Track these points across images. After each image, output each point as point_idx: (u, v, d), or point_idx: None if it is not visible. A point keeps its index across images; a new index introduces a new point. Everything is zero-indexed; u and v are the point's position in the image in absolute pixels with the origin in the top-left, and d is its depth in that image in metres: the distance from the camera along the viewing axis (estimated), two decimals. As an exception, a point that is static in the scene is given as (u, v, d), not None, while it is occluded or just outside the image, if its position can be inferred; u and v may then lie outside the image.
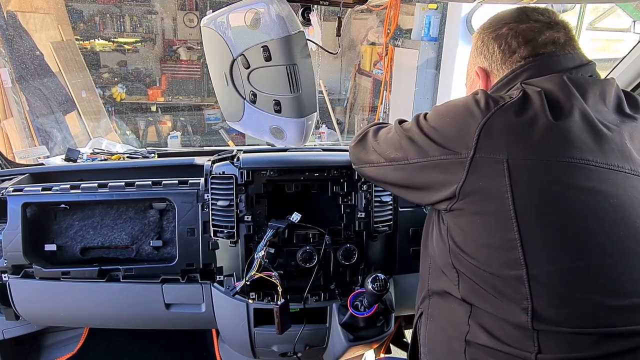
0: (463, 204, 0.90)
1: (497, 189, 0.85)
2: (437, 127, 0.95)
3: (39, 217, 1.55)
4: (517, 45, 1.00)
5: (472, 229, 0.91)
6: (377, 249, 1.56)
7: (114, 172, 1.71)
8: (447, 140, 0.92)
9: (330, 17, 5.62)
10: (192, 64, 6.91)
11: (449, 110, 0.96)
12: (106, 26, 6.66)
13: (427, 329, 1.07)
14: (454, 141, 0.91)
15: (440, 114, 0.97)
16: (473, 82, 1.12)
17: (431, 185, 0.96)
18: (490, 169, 0.86)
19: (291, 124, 1.19)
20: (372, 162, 1.10)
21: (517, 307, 0.85)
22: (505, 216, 0.85)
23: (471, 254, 0.92)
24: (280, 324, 1.38)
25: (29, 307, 1.58)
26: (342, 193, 1.51)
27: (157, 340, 2.17)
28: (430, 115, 0.99)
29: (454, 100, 0.99)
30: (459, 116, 0.92)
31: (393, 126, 1.08)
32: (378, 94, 5.31)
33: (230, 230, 1.45)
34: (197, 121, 6.77)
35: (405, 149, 1.00)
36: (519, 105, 0.89)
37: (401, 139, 1.01)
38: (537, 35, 0.98)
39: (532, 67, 0.97)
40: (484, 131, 0.87)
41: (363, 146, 1.14)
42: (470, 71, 1.14)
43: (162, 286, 1.52)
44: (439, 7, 4.23)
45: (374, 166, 1.10)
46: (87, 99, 4.86)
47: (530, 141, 0.86)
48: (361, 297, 1.43)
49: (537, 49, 0.98)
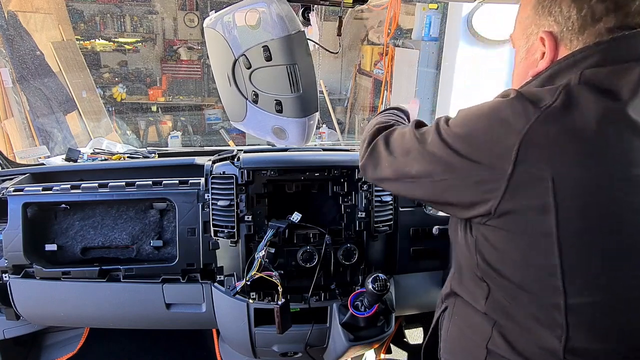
0: (499, 222, 0.78)
1: (540, 209, 0.73)
2: (465, 138, 0.79)
3: (40, 217, 1.55)
4: (603, 12, 0.76)
5: (507, 248, 0.80)
6: (378, 249, 1.56)
7: (115, 172, 1.71)
8: (479, 154, 0.77)
9: (331, 17, 5.61)
10: (193, 64, 6.91)
11: (479, 117, 0.80)
12: (107, 26, 6.67)
13: (449, 326, 1.01)
14: (487, 155, 0.76)
15: (468, 121, 0.81)
16: (530, 51, 0.87)
17: (463, 203, 0.83)
18: (532, 186, 0.73)
19: (293, 124, 1.19)
20: (390, 178, 0.95)
21: (549, 333, 0.78)
22: (547, 239, 0.74)
23: (504, 273, 0.82)
24: (281, 323, 1.38)
25: (29, 307, 1.58)
26: (342, 193, 1.51)
27: (158, 340, 2.17)
28: (455, 123, 0.83)
29: (483, 104, 0.82)
30: (492, 125, 0.77)
31: (407, 132, 0.92)
32: (378, 94, 5.30)
33: (230, 230, 1.45)
34: (198, 121, 6.77)
35: (429, 165, 0.85)
36: (567, 109, 0.72)
37: (422, 152, 0.86)
38: (631, 1, 0.75)
39: (606, 50, 0.75)
40: (523, 143, 0.72)
41: (375, 161, 0.98)
42: (525, 35, 0.88)
43: (163, 286, 1.52)
44: (439, 7, 4.23)
45: (394, 182, 0.95)
46: (88, 98, 4.86)
47: (581, 154, 0.71)
48: (361, 297, 1.43)
49: (626, 20, 0.75)
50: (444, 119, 0.86)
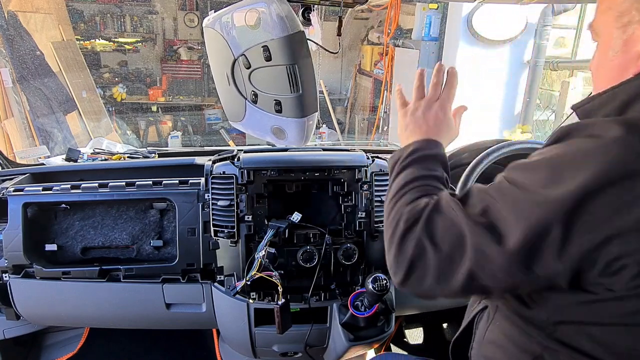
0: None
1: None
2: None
3: (40, 217, 1.55)
4: None
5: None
6: (378, 249, 1.56)
7: (115, 172, 1.71)
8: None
9: (331, 17, 5.62)
10: (193, 63, 6.92)
11: (574, 167, 0.57)
12: (107, 26, 6.67)
13: (486, 329, 0.87)
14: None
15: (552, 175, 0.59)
16: (630, 43, 0.68)
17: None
18: None
19: (292, 124, 1.19)
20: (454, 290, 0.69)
21: None
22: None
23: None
24: (281, 323, 1.38)
25: (29, 306, 1.58)
26: (342, 193, 1.51)
27: (158, 340, 2.17)
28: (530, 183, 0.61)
29: (568, 146, 0.60)
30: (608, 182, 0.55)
31: (460, 225, 0.67)
32: (378, 94, 5.30)
33: (230, 230, 1.45)
34: (198, 121, 6.78)
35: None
36: None
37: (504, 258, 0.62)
38: None
39: None
40: None
41: (420, 276, 0.70)
42: (621, 24, 0.69)
43: (163, 286, 1.52)
44: (439, 7, 4.23)
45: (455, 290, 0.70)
46: (88, 98, 4.87)
47: None
48: (362, 297, 1.43)
49: None
50: (505, 182, 0.65)
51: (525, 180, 0.63)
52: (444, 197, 0.73)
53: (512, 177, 0.66)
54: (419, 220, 0.72)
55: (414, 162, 0.86)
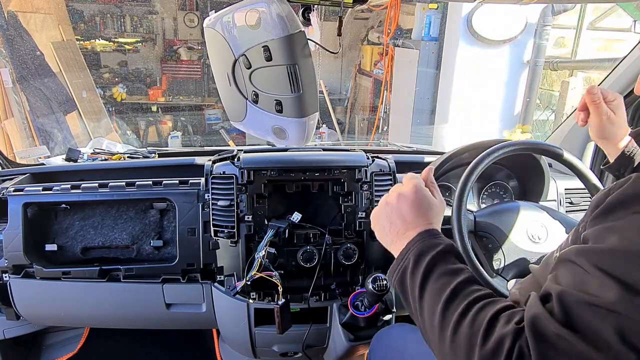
0: None
1: None
2: None
3: (40, 217, 1.55)
4: None
5: None
6: (378, 249, 1.56)
7: (115, 172, 1.72)
8: None
9: (331, 16, 5.62)
10: (193, 64, 6.92)
11: None
12: (107, 26, 6.67)
13: None
14: None
15: None
16: None
17: None
18: None
19: (293, 124, 1.19)
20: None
21: None
22: None
23: None
24: (281, 323, 1.38)
25: (29, 306, 1.58)
26: (342, 193, 1.51)
27: (158, 340, 2.17)
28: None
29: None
30: None
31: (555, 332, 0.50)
32: (378, 94, 5.31)
33: (230, 230, 1.45)
34: (198, 121, 6.78)
35: None
36: None
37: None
38: None
39: None
40: None
41: None
42: None
43: (163, 286, 1.52)
44: (439, 7, 4.23)
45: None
46: (88, 99, 4.87)
47: None
48: (362, 297, 1.43)
49: None
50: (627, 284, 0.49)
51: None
52: (536, 318, 0.52)
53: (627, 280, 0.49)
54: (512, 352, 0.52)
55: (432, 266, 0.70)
